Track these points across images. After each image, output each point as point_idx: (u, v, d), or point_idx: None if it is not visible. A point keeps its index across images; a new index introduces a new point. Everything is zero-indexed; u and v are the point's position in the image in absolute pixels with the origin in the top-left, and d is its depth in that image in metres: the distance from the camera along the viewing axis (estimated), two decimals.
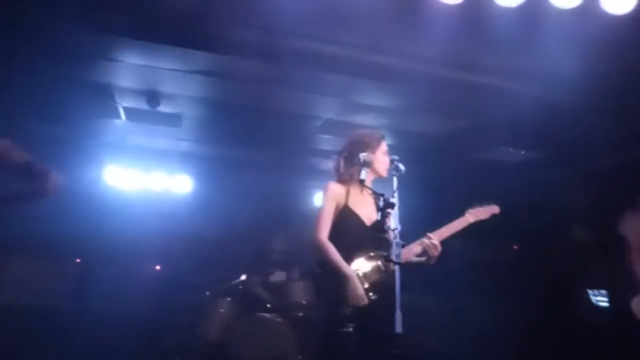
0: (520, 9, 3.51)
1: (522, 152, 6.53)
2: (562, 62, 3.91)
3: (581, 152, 5.94)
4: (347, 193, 3.29)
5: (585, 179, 6.29)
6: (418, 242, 3.24)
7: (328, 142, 6.89)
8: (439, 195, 6.54)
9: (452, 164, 6.97)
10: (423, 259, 3.27)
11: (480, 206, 3.56)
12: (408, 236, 3.30)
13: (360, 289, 2.99)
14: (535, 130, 5.41)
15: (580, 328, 5.24)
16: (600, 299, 5.98)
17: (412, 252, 3.21)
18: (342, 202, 3.26)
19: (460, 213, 3.51)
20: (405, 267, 3.10)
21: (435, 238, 3.23)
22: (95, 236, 6.74)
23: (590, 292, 6.01)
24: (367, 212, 3.26)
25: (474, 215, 3.50)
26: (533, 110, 4.82)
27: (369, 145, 3.34)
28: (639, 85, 4.23)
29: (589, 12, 3.49)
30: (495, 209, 3.63)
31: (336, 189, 3.30)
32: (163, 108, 5.83)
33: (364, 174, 2.93)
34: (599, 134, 5.21)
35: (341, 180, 3.28)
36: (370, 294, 3.00)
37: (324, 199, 3.31)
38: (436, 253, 3.20)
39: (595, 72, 4.06)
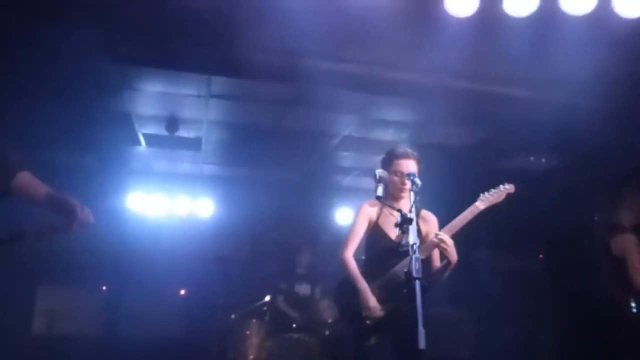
0: (531, 18, 3.50)
1: (543, 160, 6.47)
2: (578, 68, 3.89)
3: (601, 157, 5.87)
4: (379, 211, 3.37)
5: (606, 184, 6.19)
6: (428, 244, 3.15)
7: (347, 159, 6.93)
8: (462, 207, 6.49)
9: (475, 174, 6.92)
10: (442, 268, 3.20)
11: (494, 189, 3.34)
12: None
13: (372, 300, 3.06)
14: (555, 137, 5.36)
15: (617, 338, 5.09)
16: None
17: (434, 257, 3.22)
18: (374, 220, 3.36)
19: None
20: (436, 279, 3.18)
21: (442, 233, 3.11)
22: (122, 263, 6.85)
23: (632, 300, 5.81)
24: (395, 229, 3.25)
25: (485, 201, 3.28)
26: (551, 117, 4.79)
27: (385, 162, 3.38)
28: None
29: (602, 17, 3.47)
30: (510, 189, 3.37)
31: (367, 208, 3.39)
32: (182, 133, 5.94)
33: (380, 190, 2.93)
34: (617, 139, 5.15)
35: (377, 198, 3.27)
36: (390, 307, 3.01)
37: (354, 217, 3.42)
38: (448, 247, 3.06)
39: (612, 77, 4.02)
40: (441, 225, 3.28)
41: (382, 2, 3.51)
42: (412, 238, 2.59)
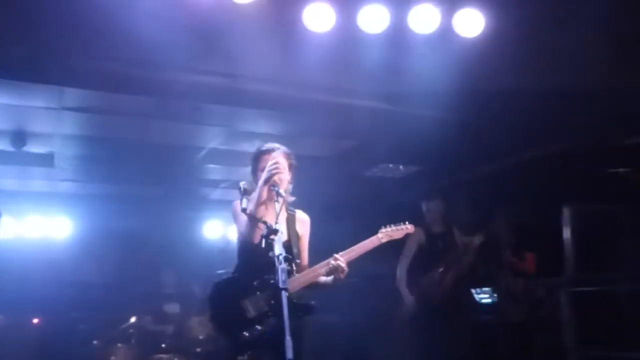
0: (385, 35, 3.72)
1: (402, 167, 6.88)
2: (427, 82, 4.18)
3: (453, 163, 6.39)
4: None
5: (461, 187, 6.76)
6: (324, 262, 3.15)
7: (215, 171, 6.84)
8: (333, 214, 6.70)
9: (341, 183, 7.18)
10: (329, 279, 3.19)
11: (395, 225, 3.42)
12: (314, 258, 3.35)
13: None
14: (411, 146, 5.74)
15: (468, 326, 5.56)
16: (483, 297, 6.38)
17: (317, 273, 3.14)
18: None
19: (353, 230, 3.46)
20: (310, 288, 3.13)
21: (342, 259, 3.10)
22: None
23: (473, 291, 6.38)
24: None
25: (387, 235, 3.36)
26: (408, 128, 5.12)
27: (253, 161, 3.27)
28: (493, 101, 4.63)
29: (446, 35, 3.79)
30: (410, 229, 3.48)
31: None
32: (32, 148, 5.48)
33: (245, 203, 2.90)
34: (465, 146, 5.65)
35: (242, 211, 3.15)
36: (258, 326, 2.97)
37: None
38: (342, 275, 3.09)
39: (459, 90, 4.38)
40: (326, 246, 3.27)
41: (241, 15, 3.52)
42: (277, 249, 2.61)
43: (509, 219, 5.76)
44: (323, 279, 3.19)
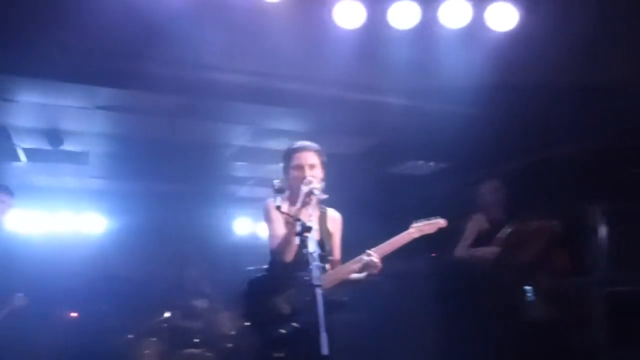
0: (414, 30, 3.70)
1: (431, 164, 6.83)
2: (456, 78, 4.15)
3: (483, 158, 6.32)
4: None
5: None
6: (357, 259, 3.13)
7: (242, 169, 6.89)
8: (360, 212, 6.68)
9: (368, 181, 7.17)
10: (361, 276, 3.18)
11: (427, 220, 3.38)
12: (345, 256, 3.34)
13: None
14: (441, 142, 5.69)
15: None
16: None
17: (349, 270, 3.14)
18: None
19: (381, 228, 3.44)
20: (342, 285, 3.13)
21: (375, 254, 3.08)
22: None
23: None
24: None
25: (418, 229, 3.33)
26: (436, 124, 5.08)
27: (285, 159, 3.28)
28: (524, 97, 4.57)
29: (477, 30, 3.75)
30: (441, 223, 3.43)
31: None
32: (68, 146, 5.60)
33: (279, 201, 2.91)
34: (494, 143, 5.58)
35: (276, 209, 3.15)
36: (293, 323, 3.00)
37: None
38: (376, 271, 3.08)
39: (487, 85, 4.34)
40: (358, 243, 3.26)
41: (271, 13, 3.54)
42: (311, 246, 2.62)
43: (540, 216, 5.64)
44: (355, 275, 3.18)
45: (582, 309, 5.61)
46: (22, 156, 5.98)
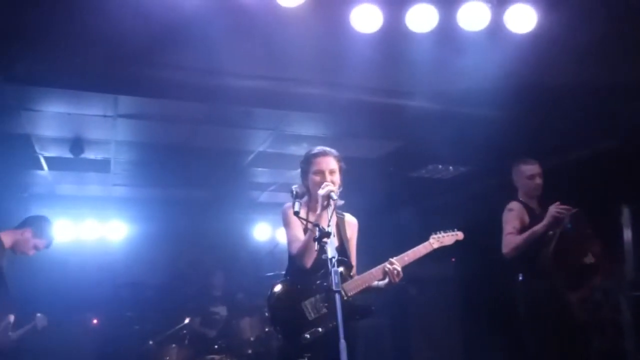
0: (433, 34, 3.68)
1: (451, 168, 6.77)
2: (477, 80, 4.11)
3: (503, 162, 6.22)
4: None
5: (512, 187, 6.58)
6: (380, 267, 3.18)
7: (263, 174, 6.91)
8: (380, 216, 6.65)
9: (388, 185, 7.14)
10: (382, 283, 3.21)
11: (444, 232, 3.49)
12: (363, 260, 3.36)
13: None
14: (461, 146, 5.64)
15: None
16: None
17: (373, 277, 3.17)
18: None
19: (401, 232, 3.46)
20: (364, 291, 3.14)
21: (397, 263, 3.15)
22: (28, 293, 6.39)
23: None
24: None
25: (438, 241, 3.44)
26: (457, 127, 5.03)
27: (304, 164, 3.28)
28: (544, 99, 4.51)
29: (497, 32, 3.71)
30: (459, 236, 3.55)
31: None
32: (89, 154, 5.68)
33: (297, 206, 2.91)
34: (515, 145, 5.49)
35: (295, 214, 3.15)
36: (318, 328, 2.99)
37: None
38: (397, 279, 3.13)
39: (509, 88, 4.29)
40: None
41: (289, 18, 3.54)
42: (330, 252, 2.61)
43: None
44: (376, 282, 3.21)
45: (609, 313, 5.48)
46: (44, 165, 6.07)
